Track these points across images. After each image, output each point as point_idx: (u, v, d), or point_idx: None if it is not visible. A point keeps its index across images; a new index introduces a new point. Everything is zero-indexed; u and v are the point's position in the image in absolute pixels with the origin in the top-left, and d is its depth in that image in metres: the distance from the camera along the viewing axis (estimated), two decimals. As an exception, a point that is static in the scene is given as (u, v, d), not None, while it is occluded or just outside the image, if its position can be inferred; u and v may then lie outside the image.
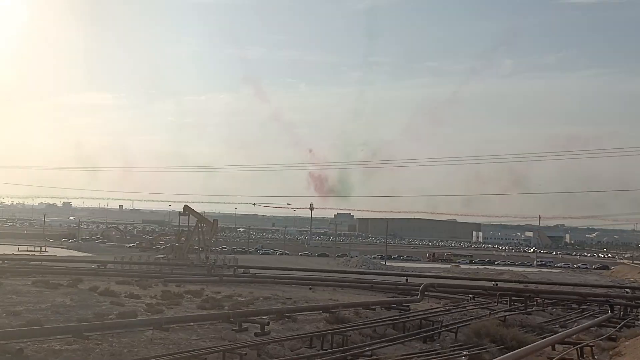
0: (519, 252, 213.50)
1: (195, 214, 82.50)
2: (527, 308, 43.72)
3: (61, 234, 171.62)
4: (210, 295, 38.85)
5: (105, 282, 42.90)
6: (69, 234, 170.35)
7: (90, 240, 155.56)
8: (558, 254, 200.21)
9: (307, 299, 41.57)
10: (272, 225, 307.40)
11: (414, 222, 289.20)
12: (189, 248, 78.11)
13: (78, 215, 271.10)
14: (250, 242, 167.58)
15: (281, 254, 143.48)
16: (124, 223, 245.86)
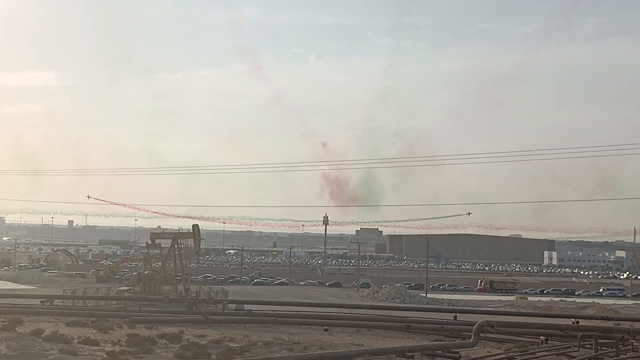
0: (607, 278, 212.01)
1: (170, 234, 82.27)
2: (620, 354, 43.51)
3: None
4: (192, 339, 38.87)
5: (52, 323, 43.00)
6: (3, 259, 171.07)
7: (31, 268, 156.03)
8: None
9: (321, 344, 41.57)
10: (273, 246, 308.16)
11: (464, 239, 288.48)
12: (162, 277, 78.21)
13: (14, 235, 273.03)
14: (244, 268, 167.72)
15: (279, 283, 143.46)
16: (75, 244, 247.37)
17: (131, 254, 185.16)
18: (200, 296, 70.83)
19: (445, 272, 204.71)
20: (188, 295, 70.64)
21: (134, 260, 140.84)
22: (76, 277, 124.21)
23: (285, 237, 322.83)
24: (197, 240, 79.26)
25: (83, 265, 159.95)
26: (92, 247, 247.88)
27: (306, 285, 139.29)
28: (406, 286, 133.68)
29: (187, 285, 77.10)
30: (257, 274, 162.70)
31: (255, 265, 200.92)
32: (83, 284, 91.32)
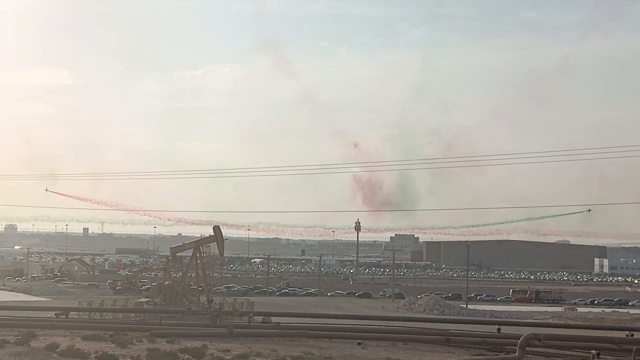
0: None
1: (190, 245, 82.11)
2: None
3: (4, 270, 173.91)
4: (216, 354, 39.10)
5: (68, 337, 43.38)
6: (15, 270, 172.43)
7: (45, 279, 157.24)
8: None
9: (354, 358, 41.61)
10: (301, 254, 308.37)
11: (507, 245, 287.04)
12: (184, 288, 78.58)
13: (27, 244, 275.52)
14: (270, 278, 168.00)
15: (308, 294, 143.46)
16: (91, 253, 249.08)
17: (150, 263, 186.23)
18: (224, 308, 71.07)
19: (487, 281, 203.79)
20: (211, 307, 70.91)
21: (154, 270, 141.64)
22: (92, 288, 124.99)
23: (314, 244, 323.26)
24: (220, 242, 79.55)
25: (99, 275, 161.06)
26: (109, 256, 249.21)
27: (336, 296, 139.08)
28: (444, 296, 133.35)
29: (210, 296, 77.52)
30: (285, 284, 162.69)
31: (283, 274, 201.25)
32: (99, 296, 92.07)
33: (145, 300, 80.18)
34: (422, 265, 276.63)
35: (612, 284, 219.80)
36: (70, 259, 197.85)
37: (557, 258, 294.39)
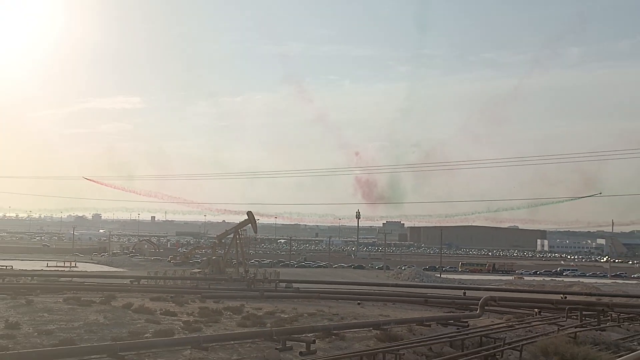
0: (589, 261, 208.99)
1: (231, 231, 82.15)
2: (601, 323, 42.88)
3: (91, 248, 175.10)
4: (250, 311, 39.13)
5: (139, 298, 43.61)
6: (100, 248, 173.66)
7: (122, 255, 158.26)
8: (635, 264, 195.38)
9: (355, 315, 41.58)
10: (315, 236, 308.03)
11: (471, 230, 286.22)
12: (227, 261, 78.72)
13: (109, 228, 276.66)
14: (292, 254, 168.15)
15: (320, 266, 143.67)
16: (157, 235, 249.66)
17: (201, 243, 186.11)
18: (257, 276, 71.16)
19: (455, 257, 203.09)
20: (247, 276, 71.05)
21: (204, 248, 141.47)
22: (157, 262, 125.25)
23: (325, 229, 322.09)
24: (254, 223, 79.61)
25: (163, 252, 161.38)
26: (170, 238, 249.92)
27: (341, 268, 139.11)
28: (423, 268, 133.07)
29: (246, 267, 77.55)
30: (303, 258, 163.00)
31: (301, 251, 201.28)
32: (163, 267, 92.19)
33: (197, 270, 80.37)
34: (407, 245, 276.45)
35: (550, 259, 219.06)
36: (141, 240, 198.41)
37: (509, 239, 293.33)
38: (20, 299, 38.81)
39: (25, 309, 34.64)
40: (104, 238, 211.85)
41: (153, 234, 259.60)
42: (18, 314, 32.22)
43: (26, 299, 39.09)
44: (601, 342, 35.13)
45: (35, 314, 32.74)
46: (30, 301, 37.99)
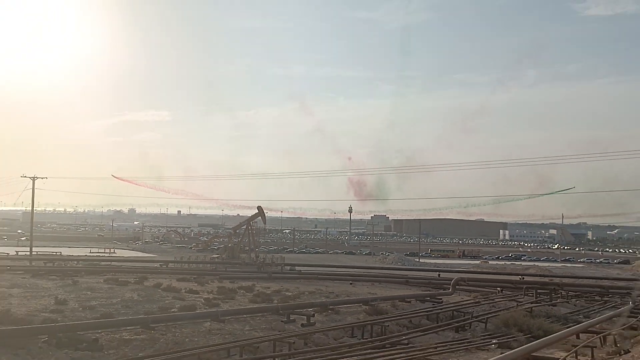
0: (543, 248, 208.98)
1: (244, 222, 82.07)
2: (552, 300, 42.95)
3: (127, 237, 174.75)
4: (260, 290, 39.18)
5: (167, 279, 43.64)
6: (134, 237, 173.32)
7: (153, 243, 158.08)
8: (581, 250, 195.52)
9: (348, 293, 41.62)
10: (314, 227, 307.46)
11: (445, 222, 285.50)
12: (241, 248, 78.65)
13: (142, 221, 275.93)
14: (295, 242, 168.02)
15: (318, 252, 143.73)
16: (182, 226, 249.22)
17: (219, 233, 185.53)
18: (265, 261, 71.13)
19: (431, 244, 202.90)
20: (258, 260, 70.98)
21: (222, 237, 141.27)
22: (183, 249, 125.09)
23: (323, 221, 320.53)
24: (263, 216, 79.40)
25: (187, 240, 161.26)
26: (194, 229, 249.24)
27: (336, 254, 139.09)
28: (405, 254, 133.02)
29: (257, 253, 77.51)
30: (304, 246, 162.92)
31: (303, 240, 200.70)
32: (187, 253, 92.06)
33: (216, 256, 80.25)
34: (391, 235, 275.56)
35: (510, 246, 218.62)
36: (169, 230, 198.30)
37: (476, 230, 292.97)
38: (68, 280, 38.84)
39: (72, 288, 34.67)
40: (137, 229, 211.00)
41: (179, 225, 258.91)
42: (66, 292, 32.24)
43: (72, 279, 39.12)
44: (553, 315, 35.14)
45: (80, 292, 32.77)
46: (76, 281, 38.04)
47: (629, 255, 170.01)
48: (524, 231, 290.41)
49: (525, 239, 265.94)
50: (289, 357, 20.69)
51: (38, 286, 34.51)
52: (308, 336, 24.79)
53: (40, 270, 47.11)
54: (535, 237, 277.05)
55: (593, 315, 35.86)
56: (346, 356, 21.07)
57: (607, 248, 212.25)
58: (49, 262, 60.29)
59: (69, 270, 48.91)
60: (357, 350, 22.50)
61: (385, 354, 21.63)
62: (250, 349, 21.41)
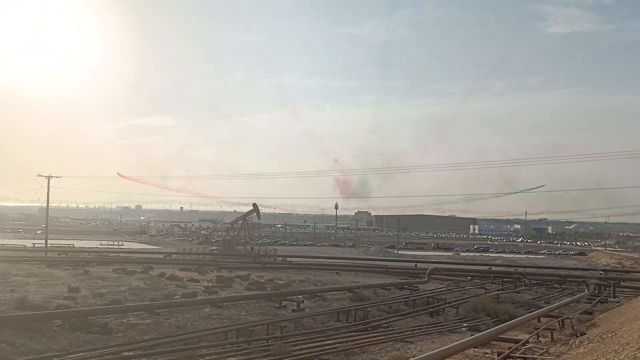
0: (509, 241, 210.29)
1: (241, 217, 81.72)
2: (517, 287, 43.28)
3: (134, 231, 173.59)
4: (255, 279, 39.07)
5: (171, 269, 43.42)
6: (141, 231, 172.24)
7: (158, 236, 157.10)
8: (542, 243, 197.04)
9: (334, 281, 41.62)
10: (304, 222, 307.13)
11: (421, 217, 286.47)
12: (237, 241, 78.35)
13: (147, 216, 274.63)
14: (286, 235, 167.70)
15: (307, 244, 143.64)
16: (184, 221, 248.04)
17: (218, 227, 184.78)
18: (260, 252, 70.92)
19: (408, 238, 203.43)
20: (252, 252, 70.74)
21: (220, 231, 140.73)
22: (185, 242, 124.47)
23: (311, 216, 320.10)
24: (257, 212, 78.92)
25: (189, 234, 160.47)
26: (195, 223, 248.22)
27: (323, 246, 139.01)
28: (385, 246, 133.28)
29: (252, 246, 77.23)
30: (294, 239, 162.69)
31: (293, 234, 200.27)
32: (189, 245, 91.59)
33: (215, 248, 79.93)
34: (372, 229, 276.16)
35: (479, 240, 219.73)
36: (172, 225, 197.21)
37: (449, 225, 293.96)
38: (80, 269, 38.48)
39: (84, 277, 34.37)
40: (144, 224, 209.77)
41: (181, 220, 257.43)
42: (78, 280, 31.95)
43: (84, 269, 38.77)
44: (517, 301, 35.39)
45: (91, 280, 32.49)
46: (87, 271, 37.70)
47: (584, 247, 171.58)
48: (491, 226, 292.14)
49: (493, 233, 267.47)
50: (280, 339, 20.65)
51: (52, 275, 34.18)
52: (298, 320, 24.77)
53: (54, 260, 46.65)
54: (501, 231, 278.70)
55: (552, 301, 36.16)
56: (332, 338, 21.07)
57: (565, 241, 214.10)
58: (63, 253, 59.76)
59: (81, 260, 48.50)
60: (342, 333, 22.52)
61: (368, 336, 21.66)
62: (245, 332, 21.36)
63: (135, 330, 20.57)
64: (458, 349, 16.68)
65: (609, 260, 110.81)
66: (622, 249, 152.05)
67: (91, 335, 19.22)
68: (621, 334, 15.44)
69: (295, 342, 19.86)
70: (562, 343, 19.17)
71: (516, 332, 22.27)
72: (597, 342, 16.22)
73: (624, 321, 19.31)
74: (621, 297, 39.52)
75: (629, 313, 21.54)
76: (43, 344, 17.75)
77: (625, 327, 16.90)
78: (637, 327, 15.04)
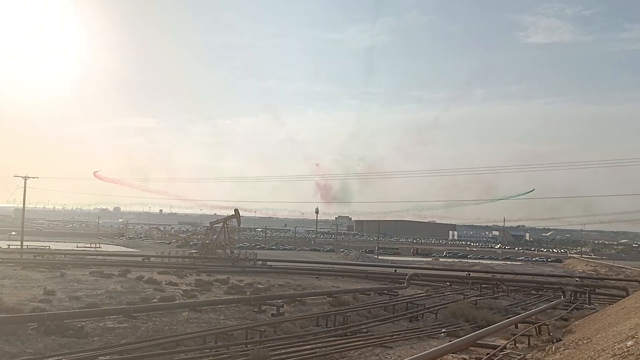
0: (487, 248, 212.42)
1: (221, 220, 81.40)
2: (495, 294, 43.67)
3: (112, 233, 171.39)
4: (234, 283, 38.85)
5: (149, 272, 42.96)
6: (119, 233, 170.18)
7: (136, 239, 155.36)
8: (519, 249, 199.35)
9: (314, 286, 41.58)
10: (284, 226, 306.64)
11: (401, 223, 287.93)
12: (217, 244, 77.85)
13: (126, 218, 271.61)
14: (266, 240, 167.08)
15: (287, 249, 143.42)
16: (164, 224, 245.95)
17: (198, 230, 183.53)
18: (239, 256, 70.57)
19: (389, 243, 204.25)
20: (232, 256, 70.37)
21: (200, 234, 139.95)
22: (163, 245, 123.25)
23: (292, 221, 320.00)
24: (238, 218, 78.60)
25: (168, 237, 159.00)
26: (174, 226, 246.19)
27: (303, 250, 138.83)
28: (365, 251, 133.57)
29: (232, 249, 76.80)
30: (275, 243, 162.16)
31: (274, 238, 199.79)
32: (168, 248, 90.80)
33: (194, 251, 79.40)
34: (353, 234, 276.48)
35: (458, 245, 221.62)
36: (152, 227, 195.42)
37: (429, 230, 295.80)
38: (56, 272, 37.88)
39: (60, 279, 33.84)
40: (122, 226, 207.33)
41: (160, 223, 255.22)
42: (54, 283, 31.45)
43: (60, 272, 38.18)
44: (495, 307, 35.70)
45: (67, 283, 32.00)
46: (64, 274, 37.13)
47: (561, 254, 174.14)
48: (470, 232, 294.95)
49: (472, 239, 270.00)
50: (259, 344, 20.55)
51: (28, 277, 33.57)
52: (277, 325, 24.68)
53: (30, 262, 45.81)
54: (480, 237, 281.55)
55: (530, 307, 36.58)
56: (312, 343, 21.03)
57: (542, 248, 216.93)
58: (39, 255, 58.77)
59: (57, 263, 47.68)
60: (322, 337, 22.49)
61: (347, 341, 21.68)
62: (224, 336, 21.21)
63: (112, 334, 20.30)
64: (436, 354, 16.78)
65: (584, 268, 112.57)
66: (598, 257, 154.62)
67: (67, 338, 18.92)
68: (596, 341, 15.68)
69: (274, 347, 19.79)
70: (539, 349, 19.39)
71: (494, 338, 22.48)
72: (573, 349, 16.44)
73: (599, 328, 19.62)
74: (596, 304, 40.15)
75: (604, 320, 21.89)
76: (17, 348, 17.42)
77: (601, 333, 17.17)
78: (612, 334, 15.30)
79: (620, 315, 20.30)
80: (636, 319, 15.96)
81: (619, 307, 24.27)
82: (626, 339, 11.73)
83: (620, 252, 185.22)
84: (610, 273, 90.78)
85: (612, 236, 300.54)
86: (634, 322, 15.10)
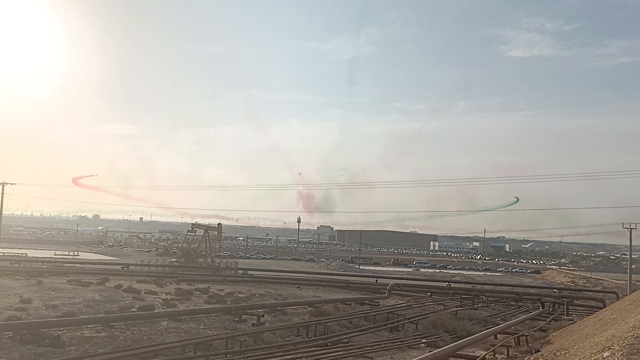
0: (467, 258, 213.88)
1: (203, 226, 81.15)
2: (475, 304, 43.95)
3: (91, 241, 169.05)
4: (215, 292, 38.54)
5: (128, 281, 42.43)
6: (98, 241, 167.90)
7: (116, 246, 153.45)
8: (499, 261, 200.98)
9: (295, 295, 41.41)
10: (266, 235, 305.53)
11: (383, 233, 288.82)
12: (197, 253, 77.22)
13: (105, 226, 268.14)
14: (248, 249, 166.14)
15: (269, 258, 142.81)
16: (144, 232, 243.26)
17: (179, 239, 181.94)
18: (220, 265, 70.08)
19: (370, 253, 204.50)
20: (213, 265, 69.86)
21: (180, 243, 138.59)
22: (143, 253, 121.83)
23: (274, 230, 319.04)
24: (220, 232, 78.47)
25: (148, 245, 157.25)
26: (154, 234, 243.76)
27: (285, 260, 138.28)
28: (346, 261, 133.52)
29: (212, 258, 76.23)
30: (256, 252, 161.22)
31: (255, 247, 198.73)
32: (148, 257, 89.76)
33: (174, 260, 78.64)
34: (335, 243, 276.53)
35: (439, 256, 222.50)
36: (132, 235, 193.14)
37: (410, 241, 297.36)
38: (32, 280, 37.23)
39: (36, 287, 33.26)
40: (101, 233, 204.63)
41: (141, 231, 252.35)
42: (30, 291, 30.89)
43: (37, 279, 37.54)
44: (475, 318, 35.91)
45: (44, 291, 31.46)
46: (40, 281, 36.51)
47: (540, 266, 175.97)
48: (451, 243, 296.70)
49: (452, 250, 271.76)
50: (239, 354, 20.39)
51: (4, 285, 32.93)
52: (258, 335, 24.52)
53: (6, 270, 44.92)
54: (460, 248, 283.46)
55: (509, 318, 36.86)
56: (292, 353, 20.92)
57: (521, 259, 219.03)
58: (15, 262, 57.65)
59: (34, 271, 46.85)
60: (302, 348, 22.39)
61: (328, 352, 21.59)
62: (204, 346, 21.01)
63: (90, 344, 19.97)
64: (417, 365, 16.77)
65: (562, 279, 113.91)
66: (576, 268, 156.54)
67: (43, 348, 18.57)
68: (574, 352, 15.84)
69: (254, 357, 19.64)
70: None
71: (473, 348, 22.59)
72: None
73: (576, 339, 19.83)
74: (574, 315, 40.62)
75: (582, 331, 22.14)
76: (-9, 357, 17.06)
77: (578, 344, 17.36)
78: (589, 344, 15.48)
79: (597, 327, 20.55)
80: (613, 330, 16.17)
81: (596, 319, 24.57)
82: (603, 350, 11.88)
83: (598, 264, 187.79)
84: (588, 285, 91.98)
85: (590, 248, 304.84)
86: (611, 333, 15.31)
